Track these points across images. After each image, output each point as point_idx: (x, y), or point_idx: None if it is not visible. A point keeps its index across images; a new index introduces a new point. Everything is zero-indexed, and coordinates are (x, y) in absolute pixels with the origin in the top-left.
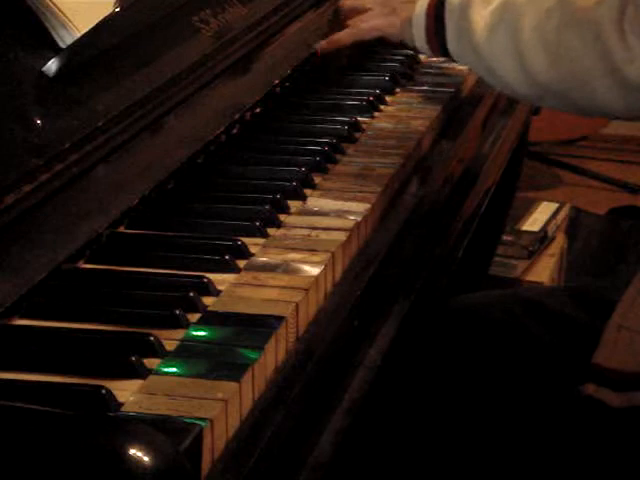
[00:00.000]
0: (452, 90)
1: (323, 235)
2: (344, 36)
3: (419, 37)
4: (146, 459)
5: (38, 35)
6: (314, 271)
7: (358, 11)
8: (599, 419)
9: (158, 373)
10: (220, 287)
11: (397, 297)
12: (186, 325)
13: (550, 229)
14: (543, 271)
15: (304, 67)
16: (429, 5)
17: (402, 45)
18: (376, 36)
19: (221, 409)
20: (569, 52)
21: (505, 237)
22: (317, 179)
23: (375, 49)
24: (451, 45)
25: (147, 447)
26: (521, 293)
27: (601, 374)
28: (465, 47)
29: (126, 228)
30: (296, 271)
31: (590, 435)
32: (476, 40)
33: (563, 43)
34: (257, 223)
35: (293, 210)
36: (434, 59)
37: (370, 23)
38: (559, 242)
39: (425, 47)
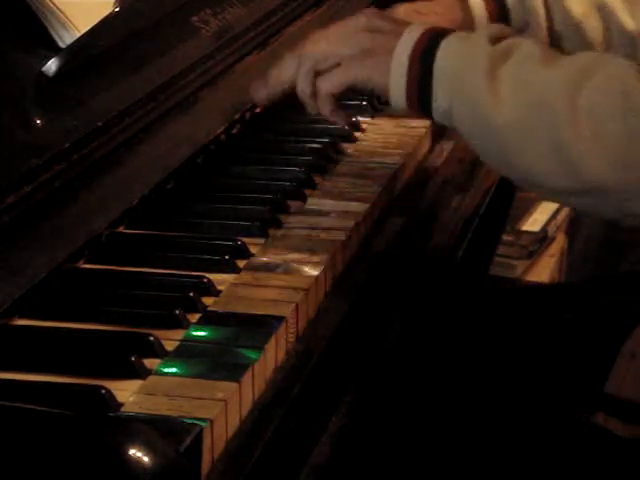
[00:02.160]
0: None
1: (323, 235)
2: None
3: (396, 88)
4: (146, 459)
5: (38, 35)
6: (314, 271)
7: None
8: (607, 448)
9: (158, 373)
10: (220, 287)
11: (397, 297)
12: (186, 325)
13: (550, 229)
14: (543, 271)
15: None
16: (415, 48)
17: None
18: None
19: (221, 409)
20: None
21: (505, 237)
22: (317, 179)
23: None
24: (441, 105)
25: (147, 447)
26: (521, 293)
27: (611, 403)
28: (467, 117)
29: (126, 228)
30: (296, 271)
31: (597, 464)
32: (489, 117)
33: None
34: (257, 223)
35: (293, 210)
36: None
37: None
38: (559, 242)
39: (402, 101)
